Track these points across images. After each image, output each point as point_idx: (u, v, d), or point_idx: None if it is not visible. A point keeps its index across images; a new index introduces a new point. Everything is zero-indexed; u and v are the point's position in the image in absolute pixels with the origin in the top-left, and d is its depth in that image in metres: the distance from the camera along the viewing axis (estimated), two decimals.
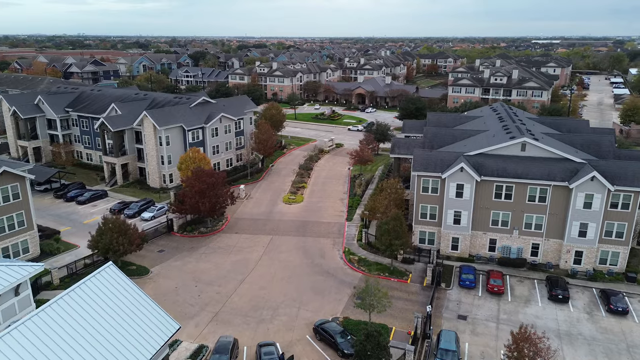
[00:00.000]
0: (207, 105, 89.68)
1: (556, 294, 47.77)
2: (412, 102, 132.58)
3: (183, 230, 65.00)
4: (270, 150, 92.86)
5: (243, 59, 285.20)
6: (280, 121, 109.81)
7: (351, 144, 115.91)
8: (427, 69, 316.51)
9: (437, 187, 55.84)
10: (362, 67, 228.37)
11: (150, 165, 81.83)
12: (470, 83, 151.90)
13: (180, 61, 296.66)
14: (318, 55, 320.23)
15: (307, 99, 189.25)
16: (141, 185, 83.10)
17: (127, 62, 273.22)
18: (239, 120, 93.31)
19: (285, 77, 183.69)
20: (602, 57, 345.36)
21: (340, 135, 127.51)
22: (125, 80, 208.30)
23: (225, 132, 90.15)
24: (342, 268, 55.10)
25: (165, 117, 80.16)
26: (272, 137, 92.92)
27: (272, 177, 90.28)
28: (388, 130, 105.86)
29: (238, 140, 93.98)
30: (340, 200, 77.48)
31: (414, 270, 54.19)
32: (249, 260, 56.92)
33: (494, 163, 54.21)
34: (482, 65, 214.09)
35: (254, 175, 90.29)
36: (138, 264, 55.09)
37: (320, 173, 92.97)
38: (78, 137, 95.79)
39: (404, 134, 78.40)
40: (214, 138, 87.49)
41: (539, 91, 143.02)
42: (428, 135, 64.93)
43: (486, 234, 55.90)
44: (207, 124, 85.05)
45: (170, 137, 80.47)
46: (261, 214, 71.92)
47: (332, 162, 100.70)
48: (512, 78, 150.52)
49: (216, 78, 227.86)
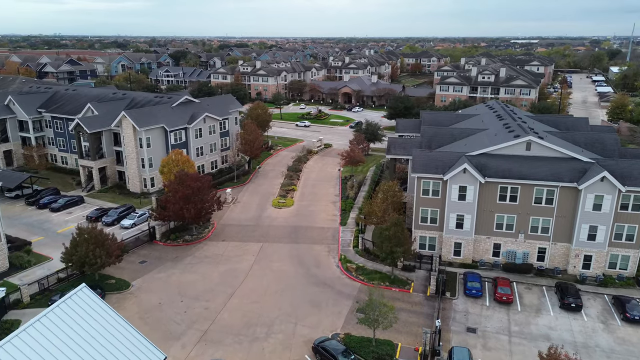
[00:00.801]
0: (190, 105, 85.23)
1: (568, 302, 44.98)
2: (401, 101, 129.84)
3: (166, 238, 60.59)
4: (257, 151, 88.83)
5: (225, 58, 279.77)
6: (267, 121, 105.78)
7: (339, 144, 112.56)
8: (410, 68, 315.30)
9: (438, 190, 52.67)
10: (347, 66, 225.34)
11: (130, 168, 77.05)
12: (458, 81, 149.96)
13: (160, 60, 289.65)
14: (301, 55, 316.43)
15: (293, 98, 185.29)
16: (121, 190, 78.23)
17: (105, 62, 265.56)
18: (224, 120, 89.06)
19: (269, 76, 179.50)
20: (583, 56, 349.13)
21: (328, 135, 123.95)
22: (103, 80, 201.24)
23: (210, 133, 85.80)
24: (339, 277, 51.52)
25: (145, 118, 75.51)
26: (258, 138, 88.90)
27: (260, 180, 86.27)
28: (378, 129, 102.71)
29: (223, 141, 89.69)
30: (333, 204, 73.91)
31: (415, 279, 50.90)
32: (238, 270, 52.91)
33: (498, 163, 51.27)
34: (468, 63, 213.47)
35: (241, 178, 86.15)
36: (117, 277, 50.62)
37: (309, 175, 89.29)
38: (52, 139, 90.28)
39: (398, 133, 75.25)
40: (198, 139, 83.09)
41: (527, 89, 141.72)
42: (426, 134, 61.80)
43: (490, 239, 52.94)
44: (191, 125, 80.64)
45: (151, 138, 75.84)
46: (250, 219, 67.90)
47: (322, 163, 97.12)
48: (500, 76, 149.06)
49: (198, 78, 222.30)
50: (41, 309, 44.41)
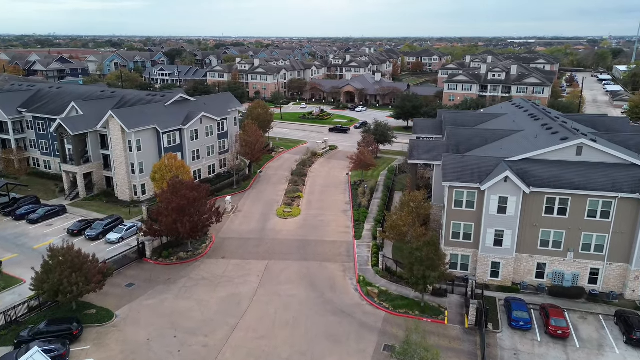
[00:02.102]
0: (185, 104, 77.69)
1: (637, 338, 37.79)
2: (409, 99, 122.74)
3: (158, 255, 52.99)
4: (258, 154, 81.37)
5: (221, 56, 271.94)
6: (268, 121, 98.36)
7: (345, 146, 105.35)
8: (411, 67, 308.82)
9: (473, 201, 45.39)
10: (347, 65, 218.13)
11: (119, 174, 69.44)
12: (467, 79, 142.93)
13: (155, 59, 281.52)
14: (300, 53, 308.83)
15: (293, 97, 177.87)
16: (108, 198, 70.59)
17: (98, 60, 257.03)
18: (222, 120, 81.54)
19: (268, 75, 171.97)
20: (586, 55, 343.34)
21: (331, 136, 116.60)
22: (95, 79, 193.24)
23: (207, 135, 78.26)
24: (359, 304, 44.15)
25: (135, 118, 67.90)
26: (260, 140, 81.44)
27: (262, 186, 78.79)
28: (389, 130, 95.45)
29: (221, 143, 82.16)
30: (344, 213, 66.53)
31: (449, 306, 43.60)
32: (241, 295, 45.45)
33: (543, 170, 44.04)
34: (474, 61, 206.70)
35: (241, 184, 78.66)
36: (99, 306, 43.05)
37: (316, 180, 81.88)
38: (34, 141, 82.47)
39: (416, 134, 68.00)
40: (194, 141, 75.54)
41: (540, 87, 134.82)
42: (452, 136, 54.55)
43: (534, 258, 45.72)
44: (186, 126, 73.08)
45: (141, 141, 68.23)
46: (252, 231, 60.42)
47: (328, 167, 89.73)
48: (511, 74, 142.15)
49: (193, 76, 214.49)
50: (4, 348, 36.89)
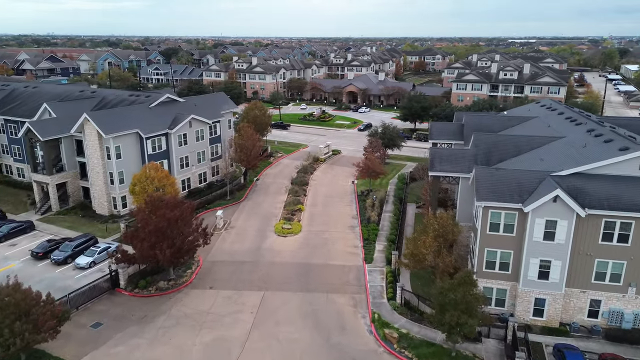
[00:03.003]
0: (173, 105, 69.66)
1: None
2: (416, 100, 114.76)
3: (134, 285, 44.81)
4: (254, 161, 73.37)
5: (219, 55, 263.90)
6: (266, 124, 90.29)
7: (349, 150, 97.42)
8: (414, 66, 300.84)
9: (512, 225, 37.38)
10: (349, 64, 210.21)
11: (96, 185, 61.40)
12: (477, 79, 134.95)
13: (150, 58, 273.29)
14: (299, 52, 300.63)
15: (292, 97, 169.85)
16: (85, 212, 62.55)
17: (91, 59, 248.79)
18: (215, 123, 73.49)
19: (266, 74, 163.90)
20: (593, 54, 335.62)
21: (334, 139, 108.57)
22: (86, 78, 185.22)
23: (197, 139, 70.23)
24: (375, 352, 36.07)
25: (114, 121, 59.81)
26: (256, 144, 73.41)
27: (258, 196, 70.77)
28: (398, 134, 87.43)
29: (214, 148, 74.13)
30: (351, 229, 58.52)
31: (485, 355, 35.55)
32: (230, 340, 37.35)
33: (601, 188, 36.05)
34: (481, 60, 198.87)
35: (235, 194, 70.64)
36: (55, 356, 34.98)
37: (318, 189, 73.88)
38: (6, 147, 74.40)
39: (433, 140, 59.96)
40: (182, 147, 67.49)
41: (556, 87, 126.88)
42: (481, 144, 46.55)
43: (586, 293, 37.73)
44: (173, 129, 65.03)
45: (121, 147, 60.14)
46: (246, 252, 52.35)
47: (331, 174, 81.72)
48: (524, 73, 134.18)
49: (189, 76, 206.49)
50: None
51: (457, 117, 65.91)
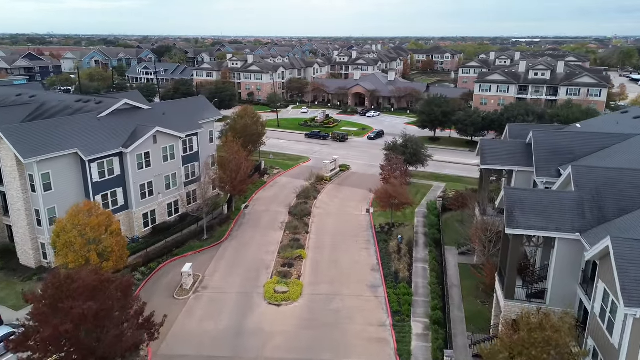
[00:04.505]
0: (133, 115, 52.77)
1: None
2: (436, 104, 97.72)
3: None
4: (241, 186, 56.48)
5: (215, 54, 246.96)
6: (259, 135, 73.20)
7: (359, 165, 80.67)
8: (421, 65, 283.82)
9: None
10: (354, 62, 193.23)
11: (19, 226, 44.52)
12: (503, 79, 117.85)
13: (141, 56, 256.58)
14: (300, 51, 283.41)
15: (292, 99, 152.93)
16: (7, 262, 45.65)
17: (76, 57, 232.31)
18: (190, 137, 56.66)
19: (263, 73, 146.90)
20: (610, 53, 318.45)
21: (341, 150, 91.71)
22: (67, 78, 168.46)
23: (166, 159, 53.34)
24: None
25: (42, 138, 42.86)
26: (244, 165, 56.55)
27: (246, 232, 53.84)
28: (421, 148, 70.44)
29: (189, 169, 57.28)
30: (372, 291, 41.59)
31: None
32: None
33: None
34: (499, 58, 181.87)
35: (216, 230, 53.75)
36: None
37: (324, 221, 56.98)
38: None
39: (487, 165, 42.93)
40: (144, 171, 50.61)
41: (597, 89, 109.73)
42: (585, 182, 29.51)
43: None
44: (129, 148, 48.14)
45: (52, 174, 43.23)
46: (221, 338, 35.32)
47: (340, 199, 64.88)
48: (557, 72, 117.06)
49: (181, 75, 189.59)
50: None
51: (512, 132, 48.84)
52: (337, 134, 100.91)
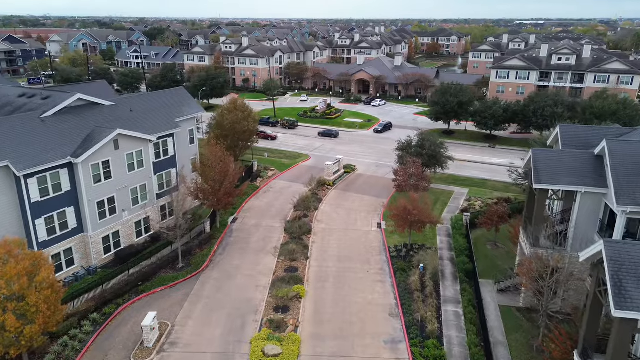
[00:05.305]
0: (90, 113, 42.32)
1: None
2: (452, 93, 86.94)
3: None
4: (227, 199, 46.36)
5: (209, 36, 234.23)
6: (250, 132, 62.58)
7: (366, 164, 70.74)
8: (426, 49, 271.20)
9: None
10: (357, 46, 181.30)
11: None
12: (523, 64, 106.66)
13: (132, 39, 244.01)
14: (299, 33, 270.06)
15: (290, 86, 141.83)
16: None
17: (63, 40, 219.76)
18: (164, 138, 46.36)
19: (259, 58, 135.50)
20: (623, 35, 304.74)
21: (344, 145, 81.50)
22: (45, 63, 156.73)
23: (131, 168, 43.10)
24: None
25: None
26: (230, 173, 46.34)
27: (231, 258, 43.82)
28: (441, 148, 60.03)
29: (164, 177, 47.10)
30: (390, 351, 31.70)
31: None
32: None
33: None
34: (513, 42, 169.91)
35: (194, 255, 43.74)
36: None
37: (326, 242, 46.98)
38: None
39: (542, 184, 32.49)
40: (101, 185, 40.40)
41: (628, 76, 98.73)
42: None
43: None
44: (81, 157, 37.82)
45: None
46: None
47: (346, 209, 54.83)
48: (583, 57, 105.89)
49: (173, 59, 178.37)
50: None
51: (566, 135, 37.97)
52: (286, 121, 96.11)
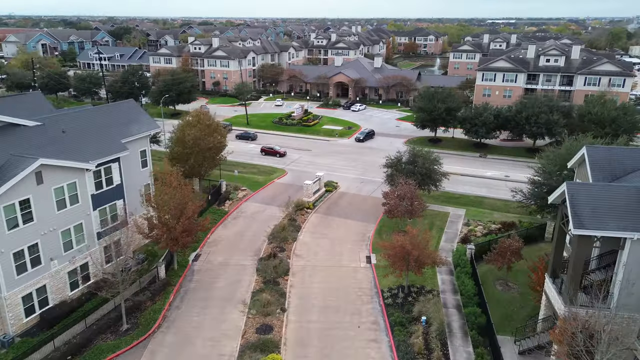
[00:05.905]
0: (9, 136, 33.42)
1: None
2: (439, 98, 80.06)
3: None
4: (185, 238, 37.99)
5: (179, 36, 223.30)
6: (217, 149, 54.03)
7: (349, 179, 63.14)
8: (404, 48, 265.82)
9: None
10: (334, 46, 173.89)
11: None
12: (510, 66, 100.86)
13: (96, 39, 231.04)
14: (273, 32, 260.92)
15: (264, 89, 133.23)
16: None
17: (20, 41, 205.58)
18: (107, 164, 37.71)
19: (230, 59, 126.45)
20: (598, 35, 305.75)
21: (323, 157, 73.75)
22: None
23: (62, 206, 34.34)
24: None
25: None
26: (188, 206, 38.05)
27: (189, 315, 35.49)
28: (435, 164, 52.79)
29: (107, 212, 38.41)
30: None
31: None
32: None
33: None
34: (494, 42, 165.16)
35: (144, 309, 35.29)
36: None
37: (307, 286, 39.10)
38: None
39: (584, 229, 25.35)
40: (19, 231, 31.56)
41: (620, 78, 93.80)
42: None
43: None
44: None
45: None
46: None
47: (329, 238, 47.11)
48: (572, 59, 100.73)
49: (140, 61, 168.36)
50: None
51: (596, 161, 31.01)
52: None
